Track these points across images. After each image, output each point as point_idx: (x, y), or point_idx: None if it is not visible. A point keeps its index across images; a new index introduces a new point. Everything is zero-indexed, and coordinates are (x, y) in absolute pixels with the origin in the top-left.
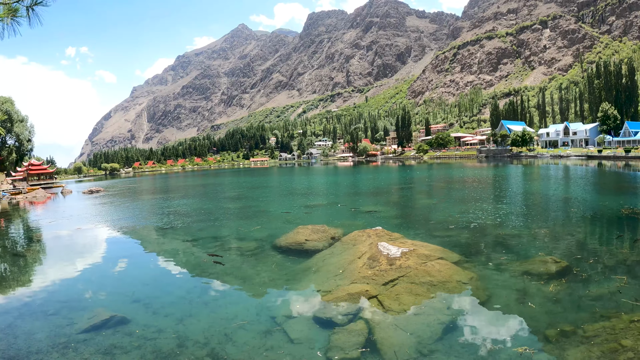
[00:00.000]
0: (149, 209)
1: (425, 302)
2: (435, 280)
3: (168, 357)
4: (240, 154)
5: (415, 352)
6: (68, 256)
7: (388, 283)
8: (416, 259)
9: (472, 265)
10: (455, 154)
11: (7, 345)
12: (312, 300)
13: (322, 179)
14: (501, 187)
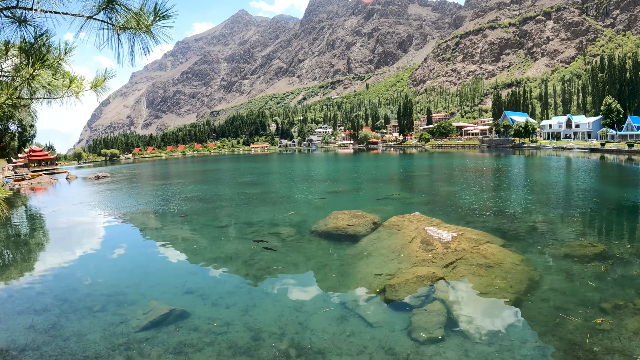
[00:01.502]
0: (166, 195)
1: (488, 282)
2: (491, 262)
3: (247, 351)
4: (240, 140)
5: (492, 328)
6: (99, 246)
7: (448, 265)
8: (467, 242)
9: (517, 249)
10: (457, 144)
11: (58, 349)
12: (378, 283)
13: (330, 165)
14: (515, 176)
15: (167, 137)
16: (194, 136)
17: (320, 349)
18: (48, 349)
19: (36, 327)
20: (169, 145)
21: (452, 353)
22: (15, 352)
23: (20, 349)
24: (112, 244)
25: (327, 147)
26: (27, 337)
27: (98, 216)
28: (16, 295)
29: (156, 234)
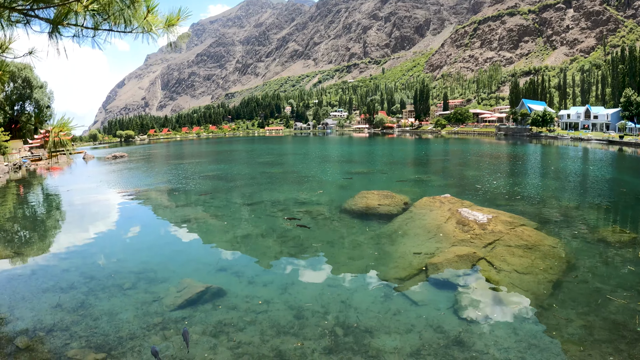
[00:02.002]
0: (186, 174)
1: (528, 263)
2: (529, 244)
3: (291, 331)
4: (255, 123)
5: (537, 307)
6: (124, 223)
7: (487, 246)
8: (503, 225)
9: (551, 233)
10: (474, 130)
11: (89, 329)
12: (418, 262)
13: (348, 148)
14: (536, 164)
15: (182, 119)
16: (208, 118)
17: (367, 327)
18: (78, 329)
19: (63, 306)
20: (184, 126)
21: (501, 332)
22: (43, 333)
23: (48, 329)
24: (136, 221)
25: (342, 131)
26: (54, 316)
27: (120, 194)
28: (40, 273)
29: (181, 212)
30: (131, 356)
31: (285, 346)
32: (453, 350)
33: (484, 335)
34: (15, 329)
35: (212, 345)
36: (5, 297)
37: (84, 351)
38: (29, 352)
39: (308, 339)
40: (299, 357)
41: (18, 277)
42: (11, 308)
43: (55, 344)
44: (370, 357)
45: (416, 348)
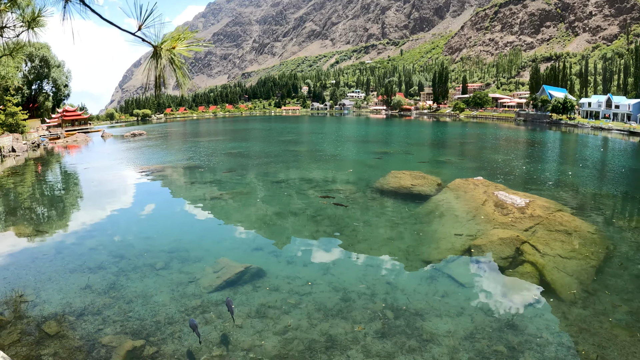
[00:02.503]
0: (208, 151)
1: (570, 248)
2: (568, 229)
3: (340, 314)
4: (272, 102)
5: (583, 292)
6: (150, 201)
7: (528, 229)
8: (541, 209)
9: (587, 219)
10: (493, 115)
11: (122, 313)
12: (460, 243)
13: (368, 129)
14: (560, 151)
15: (198, 98)
16: (225, 97)
17: (417, 310)
18: (110, 312)
19: (93, 288)
20: (201, 105)
21: (551, 315)
22: (73, 317)
23: (78, 313)
24: (162, 198)
25: (359, 112)
26: (84, 299)
27: (142, 172)
28: (65, 252)
29: (208, 189)
30: (171, 342)
31: (335, 330)
32: (507, 333)
33: (535, 319)
34: (42, 313)
35: (258, 329)
36: (30, 277)
37: (119, 337)
38: (59, 339)
39: (358, 322)
40: (351, 341)
41: (42, 256)
42: (37, 290)
43: (87, 330)
44: (425, 341)
45: (469, 332)
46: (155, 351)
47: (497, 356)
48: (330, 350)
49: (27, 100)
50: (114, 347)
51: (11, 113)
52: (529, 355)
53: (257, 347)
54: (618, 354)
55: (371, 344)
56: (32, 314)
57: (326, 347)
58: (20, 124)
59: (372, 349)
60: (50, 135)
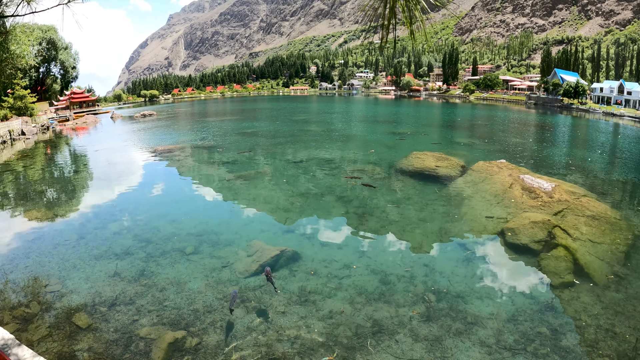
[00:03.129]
0: (222, 131)
1: (599, 233)
2: (596, 215)
3: (382, 297)
4: (280, 82)
5: (615, 276)
6: (171, 182)
7: (557, 214)
8: (567, 194)
9: (612, 205)
10: (503, 97)
11: (156, 302)
12: (492, 226)
13: (380, 109)
14: (576, 137)
15: (206, 78)
16: (232, 77)
17: (457, 292)
18: (144, 302)
19: (122, 276)
20: (208, 85)
21: (587, 298)
22: (104, 308)
23: (109, 303)
24: (182, 180)
25: (368, 92)
26: (113, 288)
27: (158, 152)
28: (89, 238)
29: (228, 169)
30: (213, 332)
31: (380, 314)
32: (547, 316)
33: (572, 302)
34: (71, 304)
35: (302, 316)
36: (53, 266)
37: (157, 329)
38: (93, 332)
39: (402, 305)
40: (397, 325)
41: (65, 242)
42: (62, 279)
43: (121, 321)
44: (470, 324)
45: (511, 314)
46: (197, 342)
47: (540, 338)
48: (377, 335)
49: (35, 83)
50: (154, 340)
51: (20, 96)
52: (571, 337)
53: (304, 334)
54: None
55: (418, 328)
56: (59, 306)
57: (373, 332)
58: (29, 107)
59: (420, 332)
60: (59, 118)
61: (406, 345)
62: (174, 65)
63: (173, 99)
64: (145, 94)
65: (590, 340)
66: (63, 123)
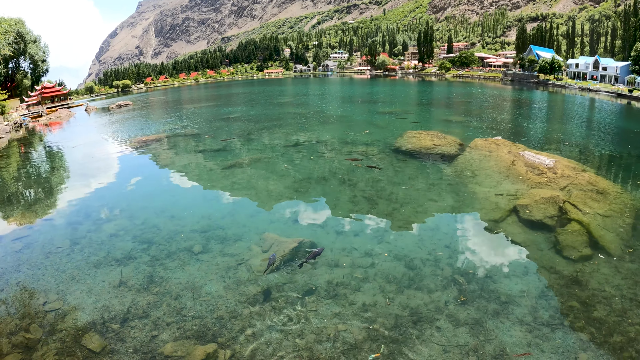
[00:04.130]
0: (205, 118)
1: (606, 207)
2: (599, 189)
3: (411, 284)
4: (254, 66)
5: (627, 247)
6: (161, 174)
7: (563, 189)
8: (568, 169)
9: (610, 178)
10: (479, 75)
11: (174, 312)
12: (504, 203)
13: (360, 89)
14: (557, 112)
15: (178, 65)
16: (206, 63)
17: (484, 272)
18: (160, 313)
19: (129, 284)
20: (181, 73)
21: (606, 270)
22: (117, 325)
23: (121, 318)
24: (173, 171)
25: (343, 73)
26: (122, 300)
27: (142, 143)
28: (83, 243)
29: (221, 157)
30: (246, 341)
31: (415, 302)
32: (574, 289)
33: (594, 274)
34: (77, 323)
35: (335, 312)
36: (49, 279)
37: (183, 344)
38: (109, 356)
39: (434, 291)
40: (434, 312)
41: (57, 250)
42: (62, 294)
43: (139, 339)
44: (504, 303)
45: (540, 290)
46: (231, 355)
47: (573, 312)
48: (418, 324)
49: (4, 79)
50: (182, 358)
51: None
52: (600, 308)
53: (343, 332)
54: None
55: (456, 312)
56: (64, 327)
57: (413, 321)
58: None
59: (459, 317)
60: (32, 114)
61: (449, 332)
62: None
63: (146, 88)
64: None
65: (618, 311)
66: (36, 119)
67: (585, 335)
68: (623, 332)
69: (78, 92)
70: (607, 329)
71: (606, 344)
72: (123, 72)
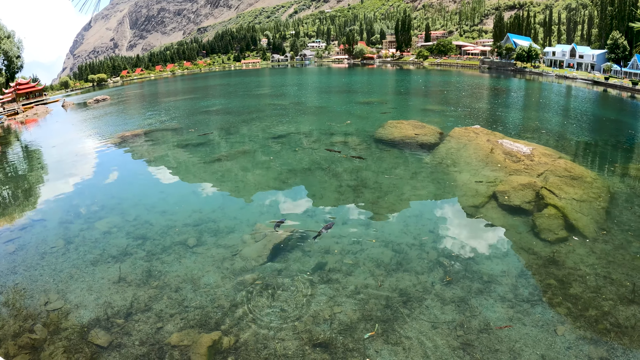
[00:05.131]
0: (186, 111)
1: (581, 192)
2: (574, 175)
3: (399, 267)
4: (231, 57)
5: (601, 230)
6: (148, 170)
7: (540, 175)
8: (545, 157)
9: (584, 164)
10: (457, 63)
11: (176, 304)
12: (484, 190)
13: (340, 79)
14: (535, 100)
15: (154, 57)
16: (182, 54)
17: (468, 255)
18: (162, 306)
19: (128, 280)
20: (157, 65)
21: (582, 250)
22: (121, 320)
23: (125, 313)
24: (159, 166)
25: (321, 62)
26: (123, 295)
27: (125, 138)
28: (77, 241)
29: (206, 150)
30: (247, 327)
31: (403, 283)
32: (551, 268)
33: (570, 255)
34: (81, 321)
35: (330, 296)
36: (47, 279)
37: (188, 334)
38: (117, 349)
39: (420, 273)
40: (422, 292)
41: (52, 250)
42: (62, 293)
43: (145, 332)
44: (487, 282)
45: (520, 270)
46: (235, 341)
47: (551, 289)
48: (408, 304)
49: None
50: (189, 346)
51: None
52: (576, 285)
53: (339, 314)
54: None
55: (442, 292)
56: (69, 325)
57: (402, 301)
58: None
59: (445, 295)
60: (7, 112)
61: (437, 310)
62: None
63: (122, 82)
64: (93, 78)
65: (593, 287)
66: (12, 117)
67: (562, 309)
68: (598, 307)
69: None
70: (583, 304)
71: (582, 317)
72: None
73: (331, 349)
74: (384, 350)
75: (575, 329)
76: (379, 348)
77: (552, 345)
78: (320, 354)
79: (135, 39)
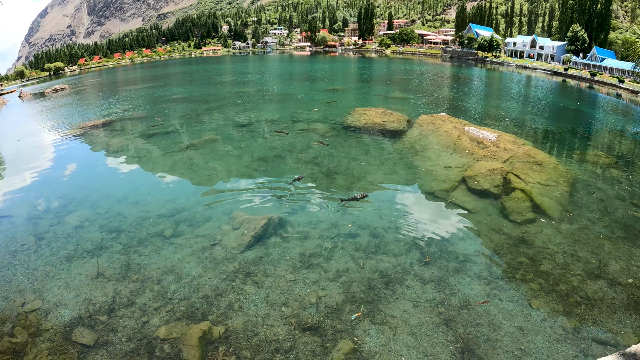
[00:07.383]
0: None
1: (545, 177)
2: (538, 161)
3: (378, 250)
4: (192, 44)
5: (565, 211)
6: (115, 161)
7: (506, 161)
8: (510, 144)
9: (547, 151)
10: (419, 51)
11: (160, 297)
12: (454, 175)
13: (302, 67)
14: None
15: (113, 45)
16: (141, 41)
17: (442, 236)
18: (145, 299)
19: (107, 275)
20: (116, 52)
21: (549, 230)
22: (105, 317)
23: (107, 309)
24: (127, 156)
25: (283, 50)
26: (103, 291)
27: (88, 129)
28: (48, 237)
29: (173, 140)
30: (235, 316)
31: (383, 265)
32: (521, 247)
33: (538, 235)
34: (63, 320)
35: (314, 280)
36: (21, 278)
37: (176, 326)
38: (104, 347)
39: (399, 255)
40: (402, 272)
41: (22, 248)
42: (39, 292)
43: (130, 327)
44: (462, 262)
45: (492, 249)
46: (224, 330)
47: (523, 267)
48: (389, 285)
49: None
50: (178, 339)
51: None
52: (546, 263)
53: (324, 298)
54: (609, 258)
55: (421, 272)
56: (50, 325)
57: (384, 282)
58: None
59: (424, 275)
60: None
61: (418, 289)
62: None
63: (80, 70)
64: (49, 67)
65: (562, 264)
66: None
67: (535, 285)
68: (567, 282)
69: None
70: (554, 279)
71: (554, 292)
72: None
73: (320, 332)
74: (371, 330)
75: (549, 303)
76: (366, 328)
77: (528, 318)
78: (310, 337)
79: (93, 26)
